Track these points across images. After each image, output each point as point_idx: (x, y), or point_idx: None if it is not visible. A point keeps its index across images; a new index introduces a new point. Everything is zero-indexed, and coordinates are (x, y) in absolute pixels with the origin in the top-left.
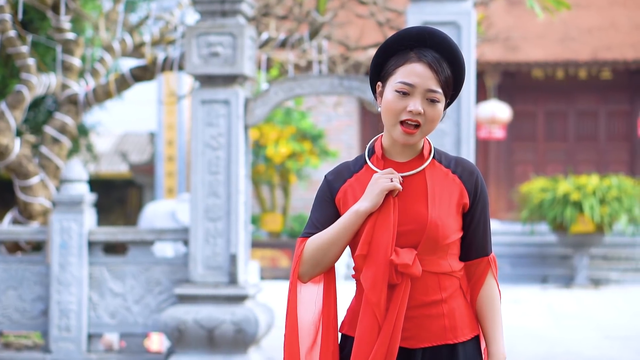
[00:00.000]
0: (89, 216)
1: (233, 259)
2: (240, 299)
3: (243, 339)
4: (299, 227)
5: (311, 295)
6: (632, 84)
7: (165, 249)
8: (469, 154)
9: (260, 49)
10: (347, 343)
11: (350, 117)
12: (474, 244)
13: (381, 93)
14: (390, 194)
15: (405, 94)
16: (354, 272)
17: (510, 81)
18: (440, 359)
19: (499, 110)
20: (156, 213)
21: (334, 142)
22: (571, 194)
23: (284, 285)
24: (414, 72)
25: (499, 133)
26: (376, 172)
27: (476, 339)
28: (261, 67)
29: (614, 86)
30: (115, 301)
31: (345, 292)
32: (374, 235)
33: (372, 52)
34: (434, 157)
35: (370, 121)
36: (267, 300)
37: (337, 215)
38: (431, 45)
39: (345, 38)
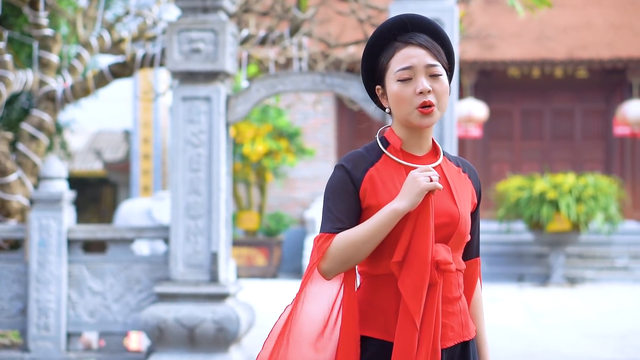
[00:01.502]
0: (68, 214)
1: (214, 257)
2: (221, 297)
3: (224, 337)
4: (275, 225)
5: (323, 292)
6: (607, 83)
7: (142, 248)
8: (451, 152)
9: (240, 46)
10: (366, 344)
11: (327, 115)
12: (472, 244)
13: (383, 94)
14: (429, 193)
15: (407, 79)
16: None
17: (486, 80)
18: (454, 356)
19: (475, 109)
20: (132, 211)
21: (310, 140)
22: (547, 192)
23: (260, 284)
24: (407, 56)
25: (475, 131)
26: (398, 162)
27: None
28: (241, 65)
29: (589, 85)
30: (95, 300)
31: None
32: (412, 240)
33: (353, 49)
34: (443, 154)
35: (346, 120)
36: (245, 298)
37: (359, 207)
38: (413, 28)
39: (326, 35)
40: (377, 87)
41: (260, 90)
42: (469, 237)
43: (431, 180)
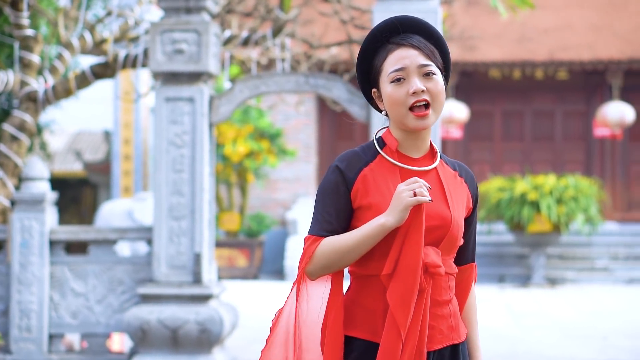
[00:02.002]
0: (51, 215)
1: (197, 258)
2: (204, 298)
3: (207, 338)
4: (257, 226)
5: (319, 293)
6: (587, 84)
7: (123, 249)
8: None
9: (222, 46)
10: (353, 345)
11: (309, 116)
12: (467, 249)
13: (379, 97)
14: (421, 205)
15: (400, 80)
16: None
17: (467, 81)
18: (444, 359)
19: (456, 110)
20: (113, 212)
21: (292, 141)
22: (528, 193)
23: (242, 285)
24: (399, 57)
25: (456, 133)
26: (393, 163)
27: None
28: (224, 65)
29: (570, 86)
30: (77, 301)
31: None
32: (402, 252)
33: (336, 50)
34: (440, 157)
35: (328, 121)
36: (227, 300)
37: (350, 208)
38: (405, 30)
39: (310, 36)
40: (373, 90)
41: (243, 91)
42: (461, 242)
43: (415, 195)
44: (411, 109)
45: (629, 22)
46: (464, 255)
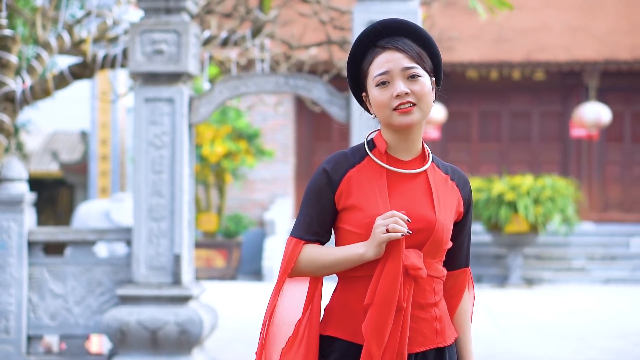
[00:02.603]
0: (29, 216)
1: (177, 259)
2: (184, 299)
3: (187, 340)
4: (235, 226)
5: (298, 293)
6: (564, 85)
7: (100, 249)
8: None
9: (202, 47)
10: (334, 346)
11: (286, 117)
12: (460, 254)
13: (368, 100)
14: (399, 239)
15: (385, 83)
16: None
17: (444, 82)
18: None
19: (433, 111)
20: (90, 213)
21: (269, 141)
22: (506, 194)
23: (219, 286)
24: (384, 61)
25: (433, 133)
26: (381, 165)
27: (455, 342)
28: (203, 66)
29: (546, 87)
30: (56, 302)
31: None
32: (380, 284)
33: (315, 51)
34: (432, 160)
35: (305, 121)
36: (206, 301)
37: (333, 210)
38: (389, 33)
39: (289, 37)
40: (363, 93)
41: (223, 91)
42: (448, 245)
43: (387, 231)
44: (395, 109)
45: (606, 23)
46: (456, 260)
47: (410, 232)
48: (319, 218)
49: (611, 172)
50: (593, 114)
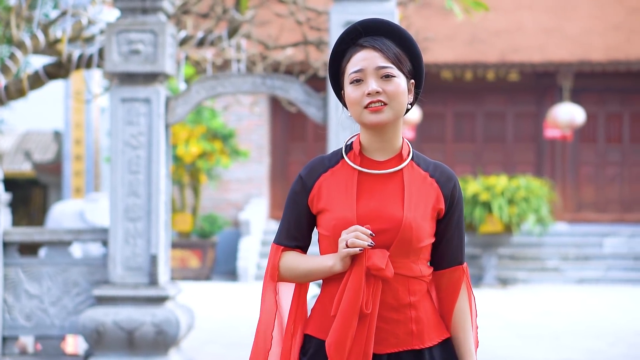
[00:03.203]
0: (4, 216)
1: (153, 259)
2: (160, 300)
3: (164, 340)
4: (209, 227)
5: (288, 293)
6: (538, 85)
7: (74, 250)
8: None
9: (178, 47)
10: (311, 344)
11: (261, 117)
12: (448, 252)
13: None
14: (362, 253)
15: (359, 81)
16: None
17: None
18: None
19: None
20: (64, 213)
21: (244, 141)
22: (480, 194)
23: (194, 286)
24: (359, 59)
25: (408, 134)
26: (353, 167)
27: (444, 343)
28: (179, 66)
29: (521, 88)
30: (31, 303)
31: (258, 291)
32: (344, 296)
33: (291, 51)
34: (412, 159)
35: (280, 121)
36: (183, 301)
37: (309, 215)
38: (367, 33)
39: (266, 37)
40: (343, 91)
41: (200, 92)
42: (424, 243)
43: (347, 246)
44: (366, 107)
45: (579, 24)
46: (446, 258)
47: (373, 243)
48: (297, 224)
49: (585, 173)
50: (567, 114)
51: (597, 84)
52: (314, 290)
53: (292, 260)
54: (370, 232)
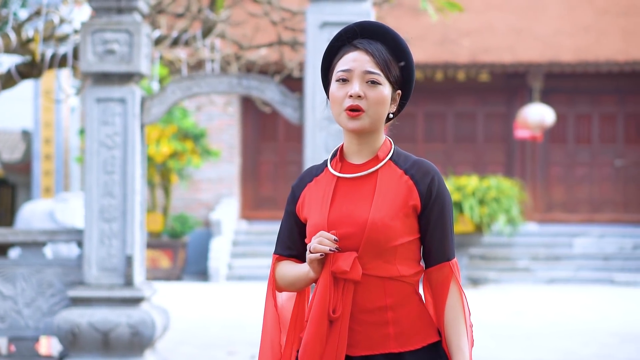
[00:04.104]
0: None
1: (129, 260)
2: (136, 301)
3: (139, 341)
4: (180, 227)
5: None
6: (508, 86)
7: (45, 251)
8: None
9: (152, 47)
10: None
11: (232, 116)
12: (432, 249)
13: None
14: (327, 257)
15: (344, 80)
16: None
17: None
18: None
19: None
20: (34, 213)
21: (215, 141)
22: (451, 194)
23: (165, 286)
24: (349, 59)
25: None
26: (333, 174)
27: (432, 347)
28: (153, 66)
29: (491, 88)
30: (5, 304)
31: (229, 292)
32: (313, 304)
33: (265, 51)
34: (391, 158)
35: (251, 121)
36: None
37: (299, 224)
38: (363, 35)
39: (242, 37)
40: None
41: (175, 92)
42: (398, 242)
43: (311, 251)
44: (347, 110)
45: (549, 25)
46: (432, 255)
47: (336, 248)
48: (289, 233)
49: (555, 173)
50: (537, 115)
51: (566, 84)
52: None
53: (283, 269)
54: (334, 237)
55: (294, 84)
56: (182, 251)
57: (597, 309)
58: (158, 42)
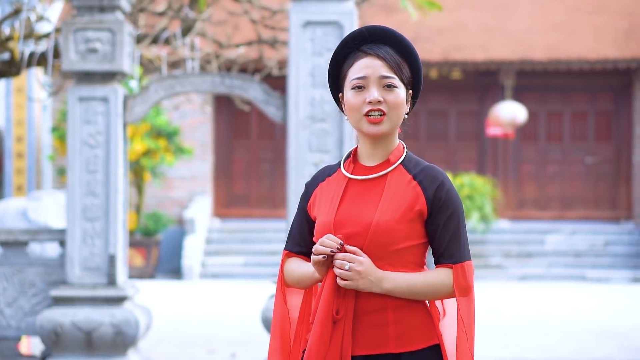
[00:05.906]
0: None
1: (112, 259)
2: (119, 300)
3: (123, 341)
4: (153, 225)
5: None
6: (480, 84)
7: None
8: (344, 153)
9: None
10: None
11: (205, 114)
12: (438, 252)
13: (344, 101)
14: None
15: (360, 87)
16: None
17: None
18: None
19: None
20: (6, 212)
21: (188, 139)
22: None
23: (138, 285)
24: (363, 66)
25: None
26: (345, 175)
27: (432, 349)
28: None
29: (463, 86)
30: None
31: (204, 290)
32: (318, 306)
33: (245, 50)
34: (402, 163)
35: (224, 119)
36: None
37: (309, 222)
38: (373, 40)
39: (222, 35)
40: (340, 94)
41: (158, 91)
42: (402, 246)
43: (316, 253)
44: (366, 115)
45: (521, 23)
46: (437, 259)
47: (337, 250)
48: (300, 230)
49: (526, 171)
50: (509, 113)
51: (538, 82)
52: None
53: (291, 266)
54: (340, 240)
55: (275, 82)
56: (155, 249)
57: (570, 305)
58: (138, 40)
